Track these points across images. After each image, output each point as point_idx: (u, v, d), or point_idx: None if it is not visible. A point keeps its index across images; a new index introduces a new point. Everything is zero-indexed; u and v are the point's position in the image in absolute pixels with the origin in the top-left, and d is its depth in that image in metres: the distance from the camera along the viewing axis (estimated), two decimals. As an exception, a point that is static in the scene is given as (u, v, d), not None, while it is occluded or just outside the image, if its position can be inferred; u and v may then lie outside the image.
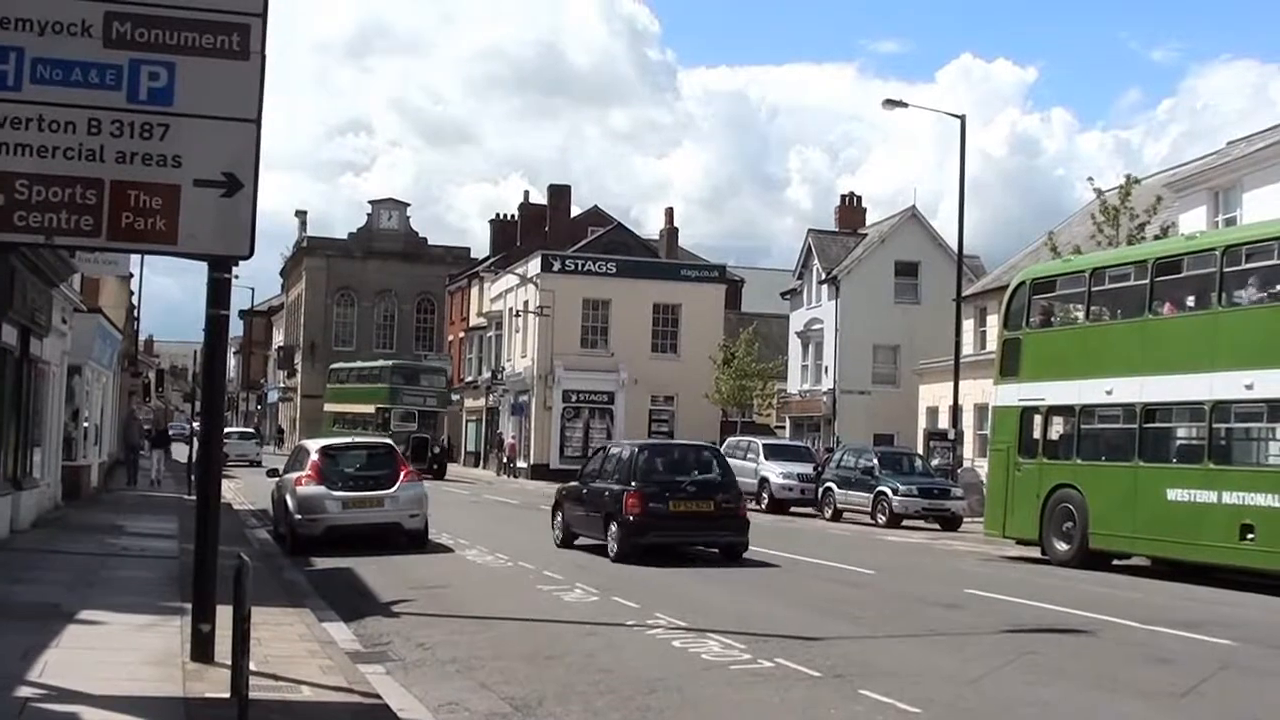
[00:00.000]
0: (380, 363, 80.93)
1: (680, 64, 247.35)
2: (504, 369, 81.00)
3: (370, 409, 72.07)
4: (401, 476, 26.55)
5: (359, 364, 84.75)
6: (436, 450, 67.72)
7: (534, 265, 76.03)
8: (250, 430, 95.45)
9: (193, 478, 31.05)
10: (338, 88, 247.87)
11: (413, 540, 26.01)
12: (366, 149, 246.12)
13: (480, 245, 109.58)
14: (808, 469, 47.17)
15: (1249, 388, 22.94)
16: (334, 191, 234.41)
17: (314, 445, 27.99)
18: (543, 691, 11.71)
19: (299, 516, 25.42)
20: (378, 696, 11.00)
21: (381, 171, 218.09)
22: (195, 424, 37.64)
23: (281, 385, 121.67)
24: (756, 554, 26.38)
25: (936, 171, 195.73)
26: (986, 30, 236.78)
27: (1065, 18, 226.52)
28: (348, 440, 30.95)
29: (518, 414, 77.02)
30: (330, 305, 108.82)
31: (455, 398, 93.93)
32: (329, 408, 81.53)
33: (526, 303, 75.57)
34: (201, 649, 11.71)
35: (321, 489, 25.62)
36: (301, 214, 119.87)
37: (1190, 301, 25.48)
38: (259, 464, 61.15)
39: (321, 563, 23.03)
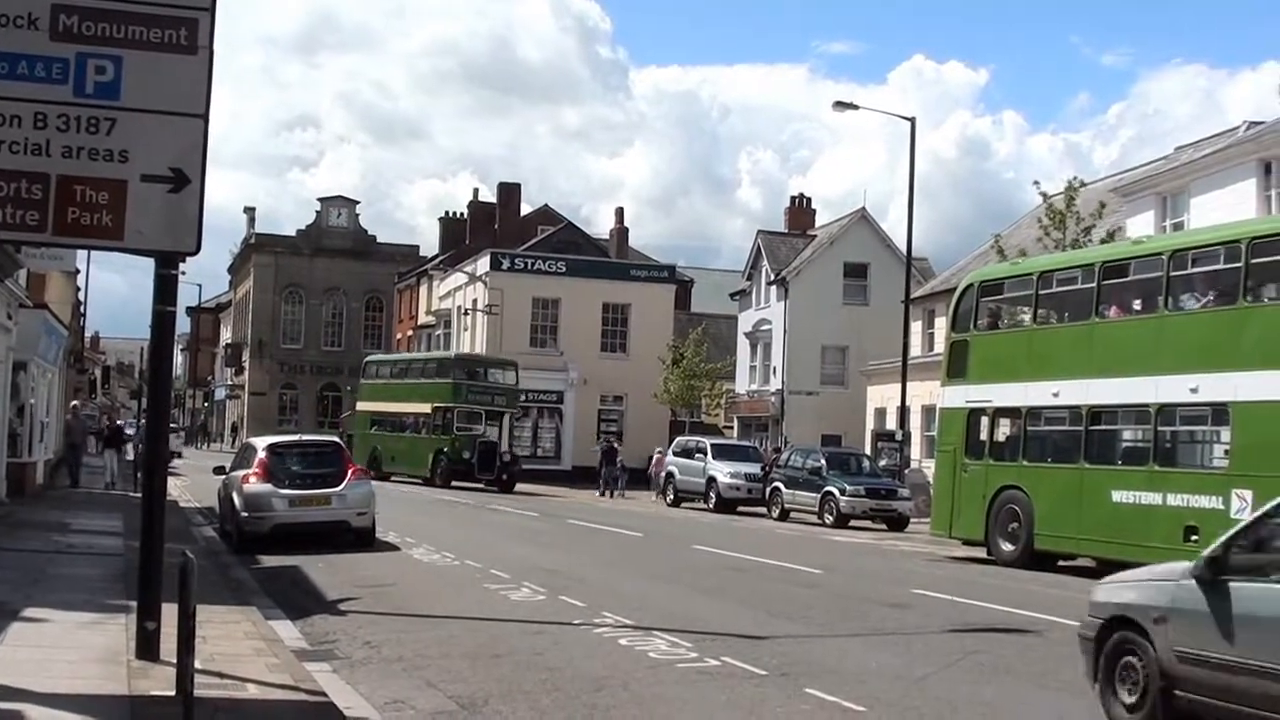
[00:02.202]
0: (439, 354, 69.41)
1: (632, 63, 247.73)
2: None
3: (425, 409, 59.93)
4: (349, 475, 26.45)
5: (408, 356, 75.14)
6: (506, 458, 57.89)
7: (483, 264, 75.92)
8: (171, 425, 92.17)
9: (138, 475, 30.86)
10: (286, 82, 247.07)
11: (360, 539, 25.92)
12: (315, 144, 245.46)
13: (429, 243, 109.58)
14: (755, 469, 47.37)
15: (1194, 391, 23.13)
16: (282, 188, 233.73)
17: (261, 443, 27.83)
18: (488, 690, 11.71)
19: (246, 514, 25.28)
20: (324, 694, 10.97)
21: (330, 168, 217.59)
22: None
23: (229, 383, 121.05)
24: (701, 554, 26.46)
25: (887, 173, 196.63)
26: (938, 32, 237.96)
27: (1017, 21, 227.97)
28: (294, 438, 30.77)
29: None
30: (278, 303, 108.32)
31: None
32: (364, 407, 68.33)
33: (475, 301, 75.42)
34: (147, 647, 11.66)
35: (268, 487, 25.49)
36: (250, 210, 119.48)
37: (1137, 305, 25.67)
38: (179, 455, 60.40)
39: (268, 561, 22.92)
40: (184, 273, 14.74)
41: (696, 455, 49.37)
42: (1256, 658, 9.45)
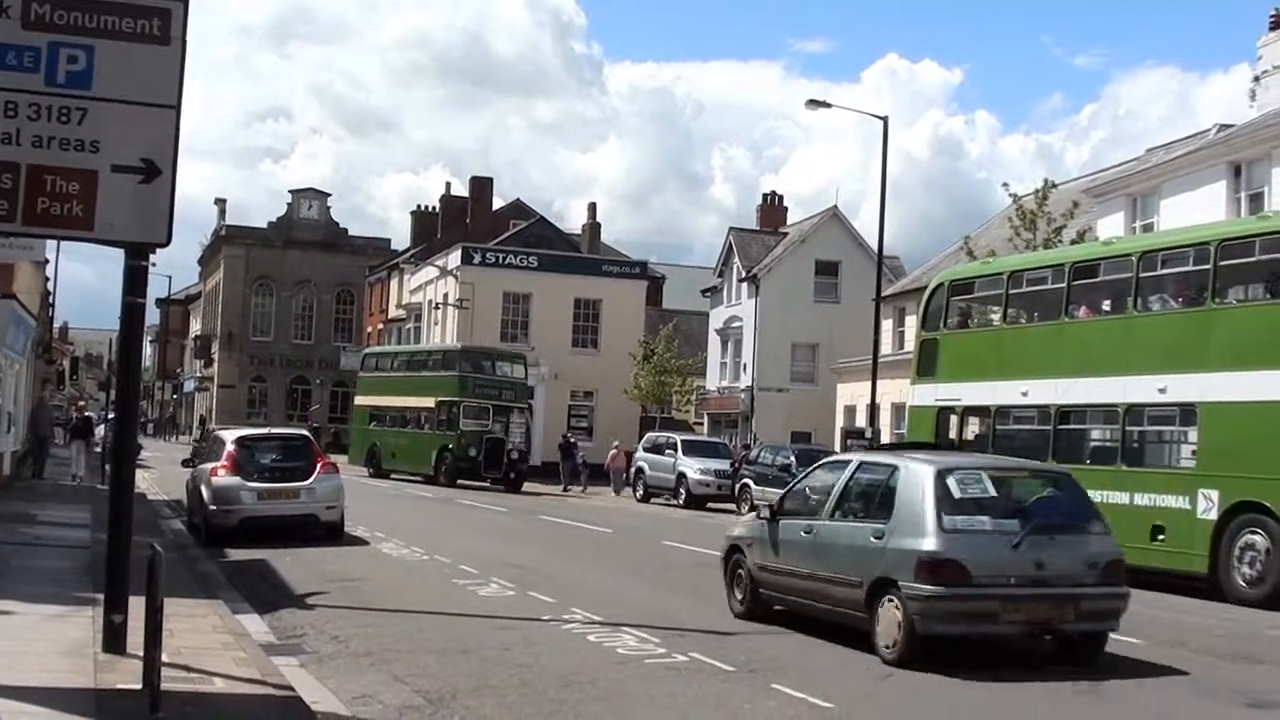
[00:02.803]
0: (444, 345, 66.93)
1: (606, 58, 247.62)
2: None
3: (429, 403, 56.95)
4: (318, 468, 26.42)
5: (410, 347, 71.94)
6: (514, 455, 54.90)
7: (454, 258, 75.80)
8: None
9: (105, 466, 30.75)
10: (258, 74, 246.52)
11: (329, 532, 25.93)
12: (287, 136, 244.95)
13: (401, 236, 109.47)
14: (725, 465, 47.41)
15: (1162, 391, 23.22)
16: (253, 179, 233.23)
17: (230, 435, 27.76)
18: (456, 685, 11.71)
19: (214, 507, 25.22)
20: (291, 689, 10.95)
21: (301, 160, 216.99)
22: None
23: (198, 375, 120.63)
24: (670, 550, 26.49)
25: (860, 171, 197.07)
26: (913, 31, 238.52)
27: (991, 21, 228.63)
28: (263, 431, 30.72)
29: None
30: (249, 295, 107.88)
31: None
32: (363, 401, 65.28)
33: (446, 295, 75.27)
34: (114, 640, 11.62)
35: (237, 480, 25.43)
36: (221, 202, 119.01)
37: (1106, 305, 25.76)
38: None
39: (236, 554, 22.89)
40: (154, 264, 14.57)
41: (667, 451, 49.41)
42: (788, 564, 15.98)
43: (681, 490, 47.20)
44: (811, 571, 15.41)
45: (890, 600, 13.77)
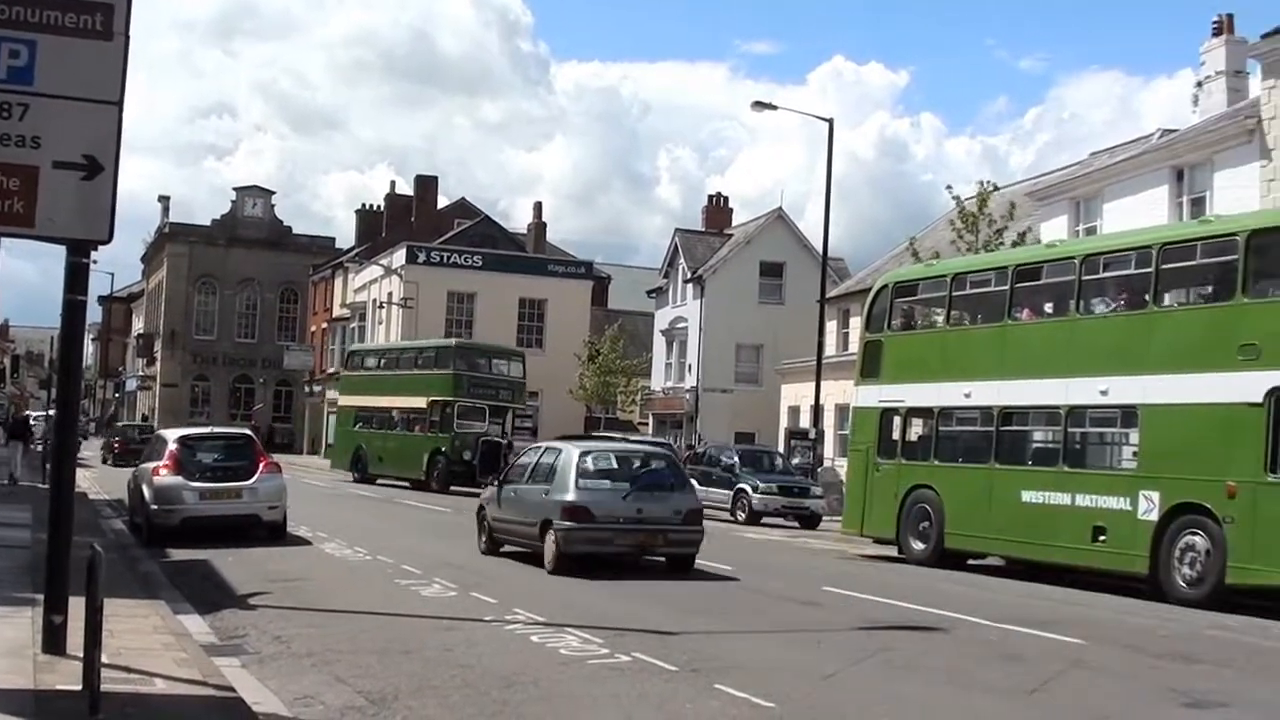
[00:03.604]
0: (436, 341, 60.86)
1: (553, 57, 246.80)
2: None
3: (419, 403, 53.62)
4: (260, 468, 26.31)
5: (399, 344, 66.08)
6: (512, 459, 53.73)
7: (399, 256, 75.78)
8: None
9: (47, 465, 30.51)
10: (201, 70, 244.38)
11: (271, 532, 25.84)
12: (231, 133, 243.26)
13: (345, 235, 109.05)
14: (669, 466, 47.33)
15: (1103, 393, 23.37)
16: (197, 176, 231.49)
17: (171, 435, 27.61)
18: (398, 685, 11.67)
19: (155, 507, 25.09)
20: (232, 689, 10.89)
21: (246, 157, 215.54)
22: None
23: (140, 373, 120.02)
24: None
25: (806, 173, 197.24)
26: (859, 34, 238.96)
27: (937, 24, 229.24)
28: (205, 430, 30.51)
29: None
30: (192, 293, 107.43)
31: (317, 388, 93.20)
32: (347, 401, 62.06)
33: (391, 294, 75.22)
34: (53, 640, 11.53)
35: (179, 479, 25.30)
36: (164, 199, 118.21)
37: (1049, 308, 25.92)
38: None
39: (178, 554, 22.77)
40: (96, 261, 14.44)
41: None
42: (505, 515, 23.96)
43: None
44: (516, 518, 23.69)
45: (549, 532, 21.85)
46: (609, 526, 21.66)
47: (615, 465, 23.36)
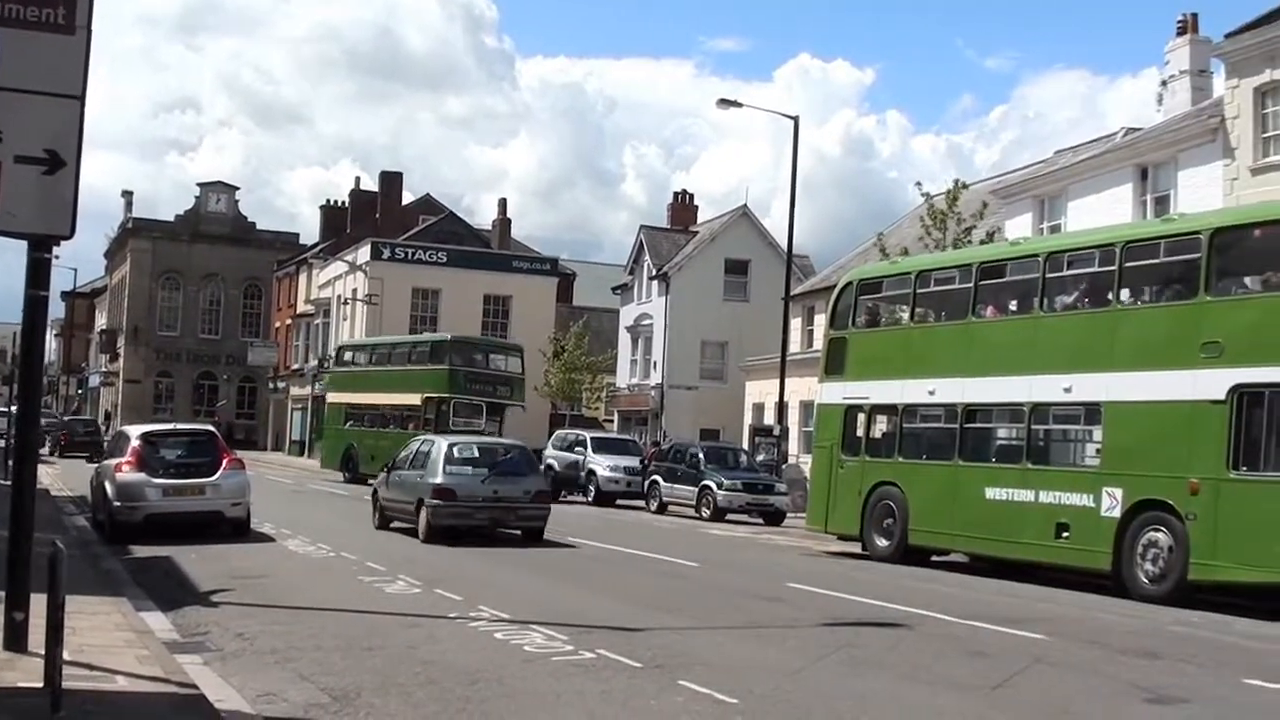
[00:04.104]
0: (430, 335, 59.50)
1: (518, 53, 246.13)
2: (331, 357, 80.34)
3: (414, 400, 51.27)
4: (224, 464, 26.23)
5: (391, 339, 62.28)
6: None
7: (364, 253, 75.61)
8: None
9: (9, 462, 30.33)
10: (165, 64, 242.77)
11: (234, 529, 25.79)
12: (194, 128, 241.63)
13: (310, 231, 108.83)
14: (634, 462, 47.38)
15: (1067, 390, 23.47)
16: (160, 172, 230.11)
17: (134, 431, 27.50)
18: (362, 682, 11.64)
19: (118, 504, 24.98)
20: (194, 687, 10.85)
21: (209, 152, 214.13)
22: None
23: (103, 369, 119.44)
24: (582, 548, 26.48)
25: (772, 170, 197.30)
26: (826, 31, 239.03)
27: (903, 22, 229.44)
28: (169, 427, 30.40)
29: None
30: (155, 288, 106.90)
31: (281, 384, 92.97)
32: (336, 399, 59.35)
33: (355, 290, 75.08)
34: (14, 638, 11.46)
35: (142, 476, 25.20)
36: (127, 194, 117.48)
37: (1013, 305, 25.98)
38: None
39: (140, 551, 22.69)
40: (58, 256, 14.52)
41: (576, 448, 49.32)
42: (392, 495, 29.12)
43: (591, 487, 47.15)
44: (399, 498, 28.69)
45: (422, 509, 26.84)
46: (470, 504, 26.86)
47: (477, 455, 28.44)
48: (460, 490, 26.69)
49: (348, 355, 61.29)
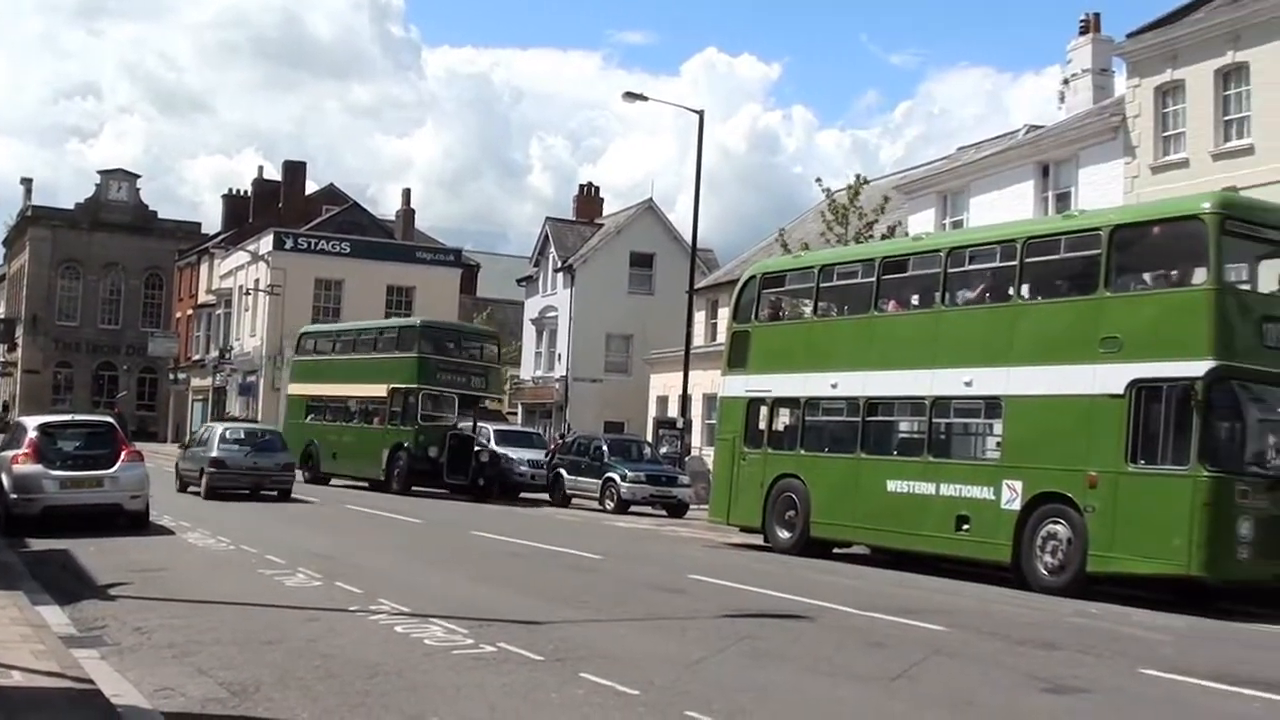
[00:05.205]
0: (398, 321, 55.23)
1: (425, 42, 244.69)
2: (233, 348, 79.79)
3: (379, 391, 47.01)
4: (123, 456, 25.98)
5: (356, 325, 57.92)
6: (485, 458, 45.53)
7: (266, 242, 75.22)
8: None
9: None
10: (66, 50, 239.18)
11: (134, 522, 25.55)
12: (96, 115, 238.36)
13: (212, 220, 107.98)
14: (539, 455, 47.32)
15: (968, 384, 23.68)
16: (60, 159, 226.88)
17: (32, 422, 27.18)
18: (261, 676, 11.55)
19: (15, 496, 24.69)
20: (91, 681, 10.73)
21: (111, 139, 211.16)
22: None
23: (2, 360, 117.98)
24: (484, 540, 26.46)
25: (677, 164, 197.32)
26: (733, 25, 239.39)
27: (810, 17, 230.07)
28: (67, 418, 30.07)
29: (246, 394, 75.97)
30: (54, 277, 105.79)
31: (182, 376, 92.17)
32: (298, 390, 54.73)
33: (258, 281, 74.64)
34: (-95, 631, 11.32)
35: (39, 468, 24.93)
36: (26, 181, 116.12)
37: (915, 300, 26.19)
38: None
39: (37, 544, 22.39)
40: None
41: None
42: (187, 465, 39.52)
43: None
44: (191, 467, 38.29)
45: (203, 475, 36.43)
46: (235, 471, 36.93)
47: (243, 436, 39.16)
48: (230, 461, 36.95)
49: (309, 343, 55.71)
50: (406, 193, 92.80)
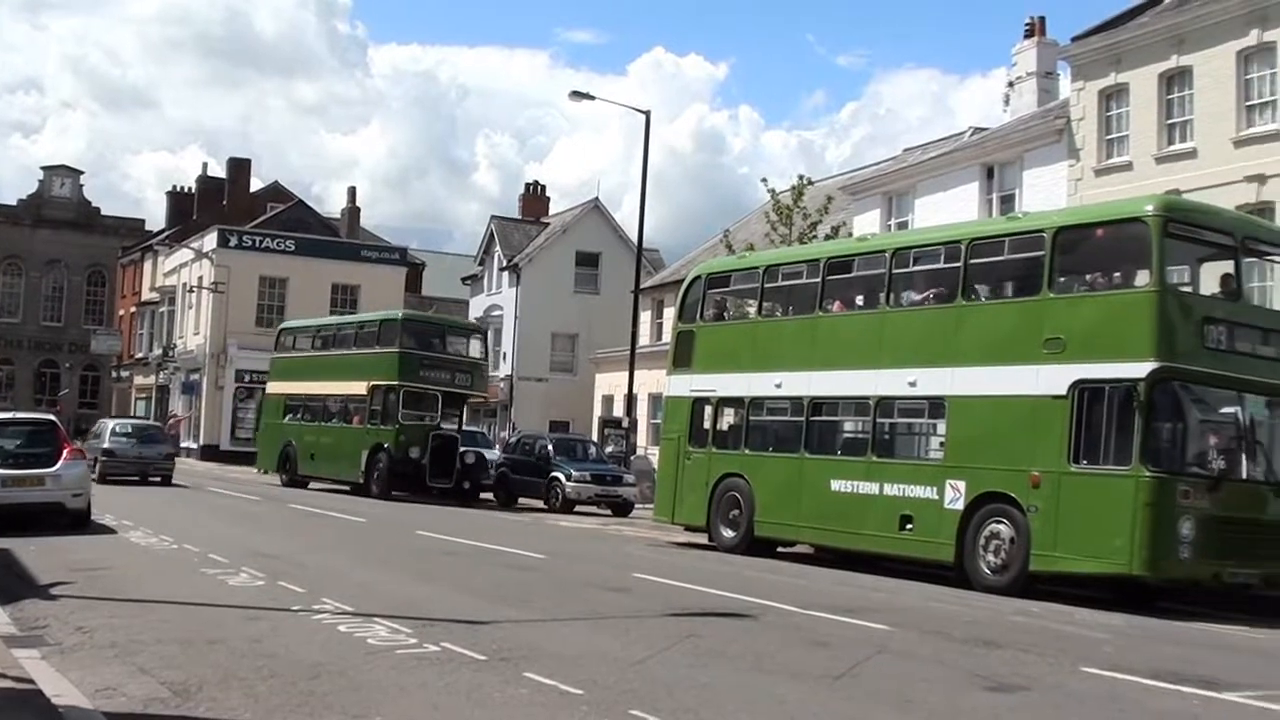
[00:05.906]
0: (379, 314, 51.25)
1: (371, 39, 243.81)
2: (176, 346, 79.34)
3: (359, 389, 45.08)
4: (64, 455, 25.81)
5: (336, 319, 56.89)
6: (470, 459, 44.06)
7: (210, 240, 74.87)
8: None
9: None
10: (9, 44, 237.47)
11: (75, 521, 25.39)
12: (38, 110, 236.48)
13: (156, 217, 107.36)
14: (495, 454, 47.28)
15: (912, 385, 23.80)
16: (2, 154, 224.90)
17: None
18: (203, 676, 11.49)
19: (-46, 495, 24.65)
20: (31, 681, 10.67)
21: (53, 135, 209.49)
22: None
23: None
24: (428, 540, 26.42)
25: (624, 163, 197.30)
26: (680, 25, 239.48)
27: (757, 18, 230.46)
28: (7, 416, 29.85)
29: (189, 393, 75.58)
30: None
31: (125, 373, 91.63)
32: (276, 389, 52.81)
33: (202, 278, 74.30)
34: None
35: (-21, 466, 24.86)
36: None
37: (860, 301, 26.31)
38: None
39: (-23, 543, 22.26)
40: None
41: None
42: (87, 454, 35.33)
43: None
44: (90, 458, 35.68)
45: (97, 463, 40.92)
46: (123, 460, 44.14)
47: (130, 430, 47.03)
48: (118, 451, 44.63)
49: (288, 339, 53.79)
50: (352, 191, 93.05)
